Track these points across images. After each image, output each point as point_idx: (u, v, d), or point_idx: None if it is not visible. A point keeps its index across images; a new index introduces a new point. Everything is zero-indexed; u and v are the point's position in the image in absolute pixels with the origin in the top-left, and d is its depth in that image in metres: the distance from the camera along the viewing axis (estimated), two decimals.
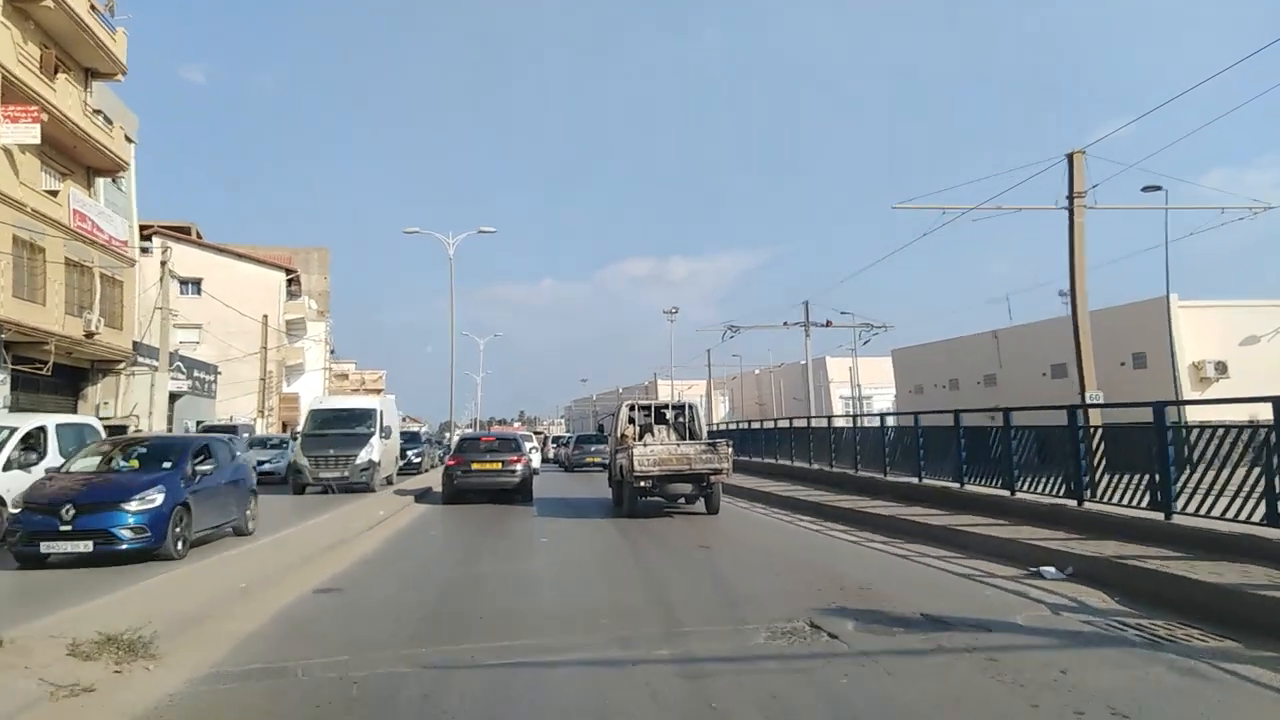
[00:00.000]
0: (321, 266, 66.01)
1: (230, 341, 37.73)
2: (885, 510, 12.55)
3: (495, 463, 16.93)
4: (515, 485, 16.72)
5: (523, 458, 17.24)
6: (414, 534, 12.85)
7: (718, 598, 7.40)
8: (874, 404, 67.31)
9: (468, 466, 16.86)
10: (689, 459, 13.32)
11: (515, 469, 16.77)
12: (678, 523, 13.56)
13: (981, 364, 31.39)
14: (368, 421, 19.29)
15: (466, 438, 19.46)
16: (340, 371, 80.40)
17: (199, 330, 38.19)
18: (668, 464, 13.25)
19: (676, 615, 6.67)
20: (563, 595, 7.74)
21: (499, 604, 7.33)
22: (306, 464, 18.25)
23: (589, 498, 18.34)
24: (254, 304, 38.47)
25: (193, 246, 40.46)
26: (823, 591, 7.28)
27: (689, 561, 9.79)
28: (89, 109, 22.38)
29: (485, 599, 7.60)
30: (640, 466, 13.15)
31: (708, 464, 13.38)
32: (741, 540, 11.52)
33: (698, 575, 8.74)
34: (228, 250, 42.01)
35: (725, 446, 13.73)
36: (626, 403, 16.70)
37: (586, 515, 14.81)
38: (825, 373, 64.94)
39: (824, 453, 20.05)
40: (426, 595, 7.74)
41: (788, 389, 64.93)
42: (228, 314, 36.07)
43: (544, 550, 10.98)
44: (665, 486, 13.67)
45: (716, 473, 13.51)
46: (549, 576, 8.81)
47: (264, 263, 42.62)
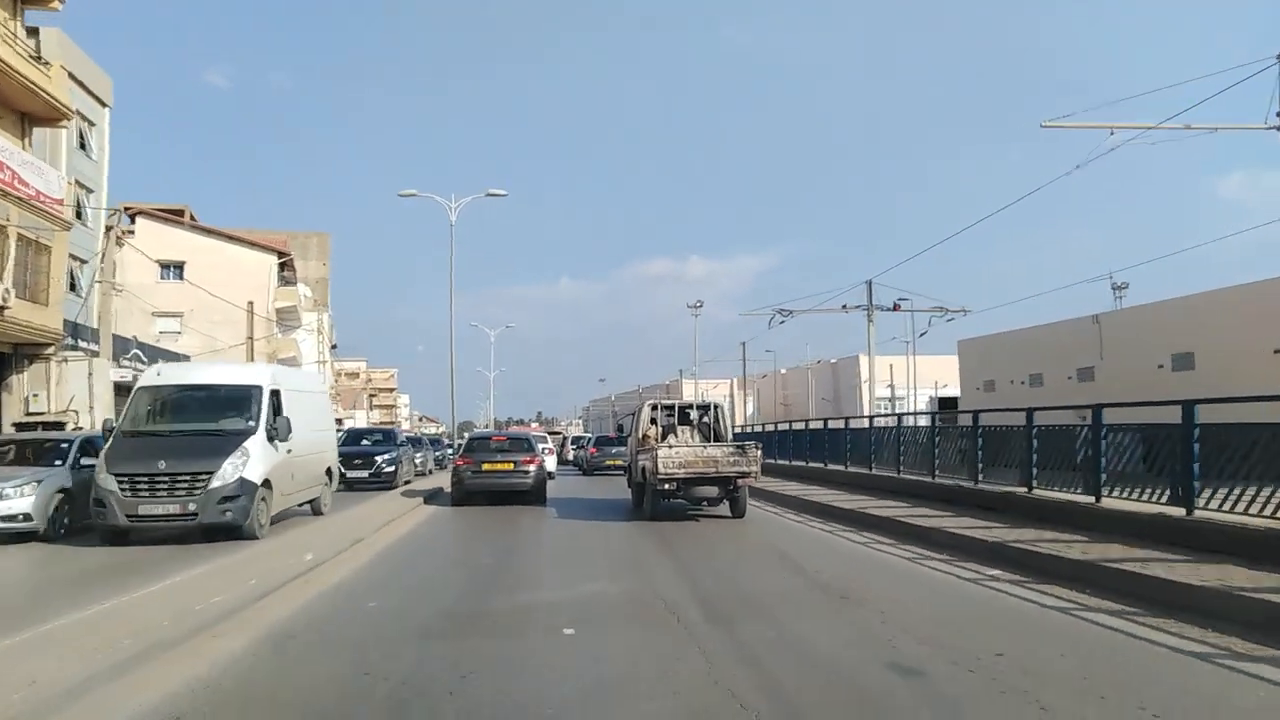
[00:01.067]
0: (321, 252, 64.09)
1: (216, 332, 37.06)
2: (941, 521, 11.59)
3: (507, 463, 16.98)
4: (529, 487, 16.77)
5: (536, 458, 17.23)
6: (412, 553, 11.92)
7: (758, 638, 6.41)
8: (908, 406, 67.44)
9: (478, 467, 16.92)
10: (715, 461, 13.39)
11: (528, 470, 16.85)
12: (703, 527, 13.29)
13: (1075, 354, 27.62)
14: (243, 409, 11.83)
15: (476, 437, 19.54)
16: (349, 370, 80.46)
17: (181, 319, 37.62)
18: (693, 466, 13.28)
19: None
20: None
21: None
22: (115, 491, 10.69)
23: (607, 498, 18.41)
24: (242, 290, 37.63)
25: (176, 227, 39.78)
26: (895, 644, 5.80)
27: (717, 577, 8.94)
28: (18, 40, 19.99)
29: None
30: (664, 469, 13.12)
31: (735, 467, 13.42)
32: (779, 558, 10.49)
33: (726, 598, 7.76)
34: (215, 232, 41.23)
35: (754, 449, 13.62)
36: (649, 402, 16.83)
37: (604, 517, 14.78)
38: (857, 371, 64.43)
39: (862, 455, 19.47)
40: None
41: (817, 389, 64.96)
42: (215, 302, 35.39)
43: (564, 565, 10.18)
44: (690, 490, 13.68)
45: (744, 476, 13.55)
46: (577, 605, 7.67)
47: (254, 244, 41.80)
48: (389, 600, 7.59)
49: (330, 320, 66.13)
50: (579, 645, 5.90)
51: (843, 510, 14.05)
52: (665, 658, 5.37)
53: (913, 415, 24.83)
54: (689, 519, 14.22)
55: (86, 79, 27.63)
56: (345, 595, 7.78)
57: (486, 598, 7.77)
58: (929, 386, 63.87)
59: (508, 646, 5.78)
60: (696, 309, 57.87)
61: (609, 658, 5.55)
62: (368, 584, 8.47)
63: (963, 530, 10.41)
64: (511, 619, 6.75)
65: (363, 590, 8.05)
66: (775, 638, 5.94)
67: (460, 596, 7.86)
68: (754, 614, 6.74)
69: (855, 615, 6.69)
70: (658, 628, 6.33)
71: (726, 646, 5.63)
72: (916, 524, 11.40)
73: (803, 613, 6.88)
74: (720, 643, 5.74)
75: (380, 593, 8.02)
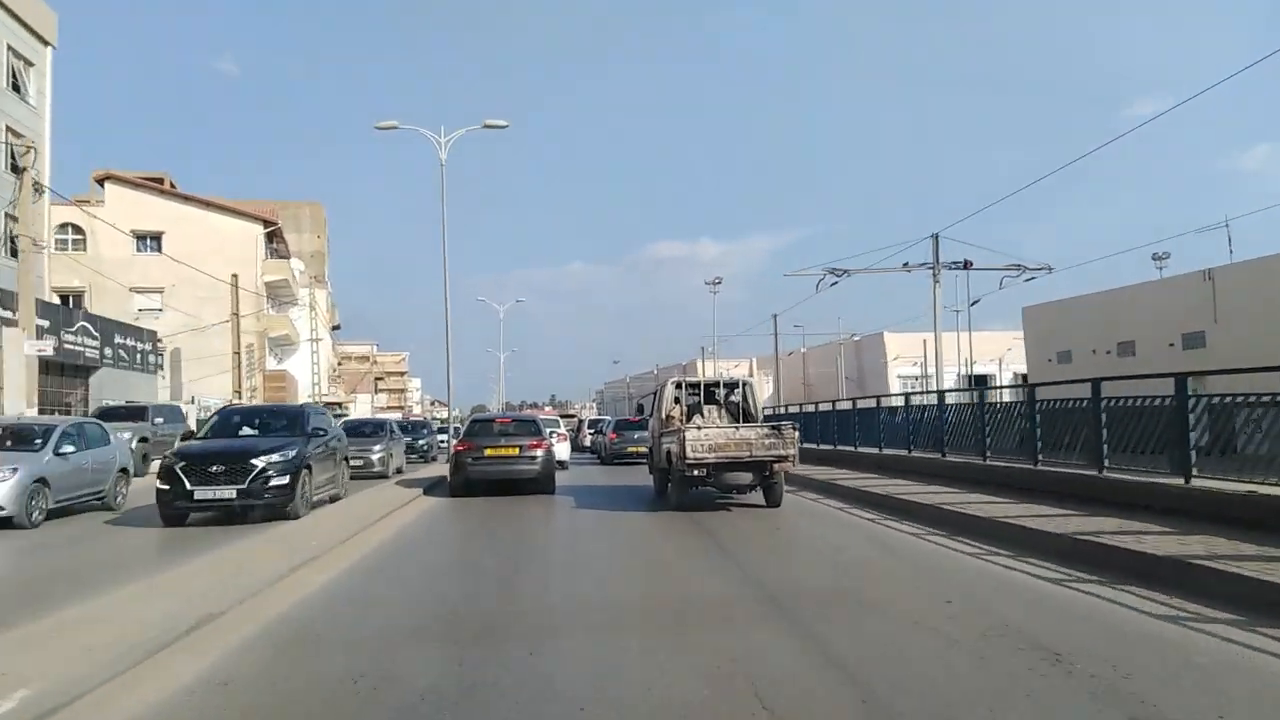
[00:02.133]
0: (315, 224, 63.12)
1: (201, 309, 36.61)
2: (1004, 509, 10.97)
3: (512, 448, 16.55)
4: (536, 474, 16.37)
5: (543, 442, 16.85)
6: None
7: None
8: (931, 384, 65.98)
9: (480, 453, 16.42)
10: (749, 444, 12.81)
11: (535, 455, 16.44)
12: (736, 518, 12.75)
13: (1180, 318, 25.02)
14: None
15: (479, 420, 19.14)
16: (359, 354, 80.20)
17: (161, 295, 37.13)
18: (724, 450, 12.70)
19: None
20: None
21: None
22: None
23: (627, 484, 18.24)
24: (227, 263, 37.15)
25: (152, 194, 39.05)
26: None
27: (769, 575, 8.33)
28: None
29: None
30: (693, 453, 12.52)
31: (771, 450, 12.79)
32: (845, 559, 9.90)
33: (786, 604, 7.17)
34: (195, 199, 40.48)
35: (791, 430, 13.12)
36: (671, 380, 16.48)
37: (624, 506, 14.55)
38: (883, 349, 65.05)
39: (898, 437, 19.11)
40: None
41: (840, 369, 64.80)
42: (199, 277, 34.90)
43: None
44: (721, 476, 13.03)
45: (781, 460, 12.96)
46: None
47: (239, 213, 41.03)
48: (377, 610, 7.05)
49: (331, 300, 65.66)
50: (609, 659, 5.32)
51: (881, 496, 13.58)
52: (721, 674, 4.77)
53: (961, 391, 23.23)
54: (719, 508, 13.73)
55: (23, 10, 25.92)
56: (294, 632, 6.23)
57: (490, 615, 7.17)
58: (960, 365, 63.71)
59: (522, 663, 5.21)
60: (715, 285, 58.73)
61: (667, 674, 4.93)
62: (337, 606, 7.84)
63: (1035, 523, 9.79)
64: (527, 631, 6.16)
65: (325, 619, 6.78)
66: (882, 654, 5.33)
67: (460, 616, 6.92)
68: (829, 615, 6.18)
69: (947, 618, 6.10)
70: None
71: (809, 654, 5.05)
72: (970, 513, 10.80)
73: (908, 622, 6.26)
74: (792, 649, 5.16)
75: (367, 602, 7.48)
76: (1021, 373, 63.62)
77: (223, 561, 8.52)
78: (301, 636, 6.01)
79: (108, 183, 37.66)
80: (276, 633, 6.04)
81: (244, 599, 6.69)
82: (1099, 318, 28.77)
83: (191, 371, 36.44)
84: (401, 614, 6.80)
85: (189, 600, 6.46)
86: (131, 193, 38.34)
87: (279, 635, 5.98)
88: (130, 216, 36.72)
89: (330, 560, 8.89)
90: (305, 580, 7.84)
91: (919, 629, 5.90)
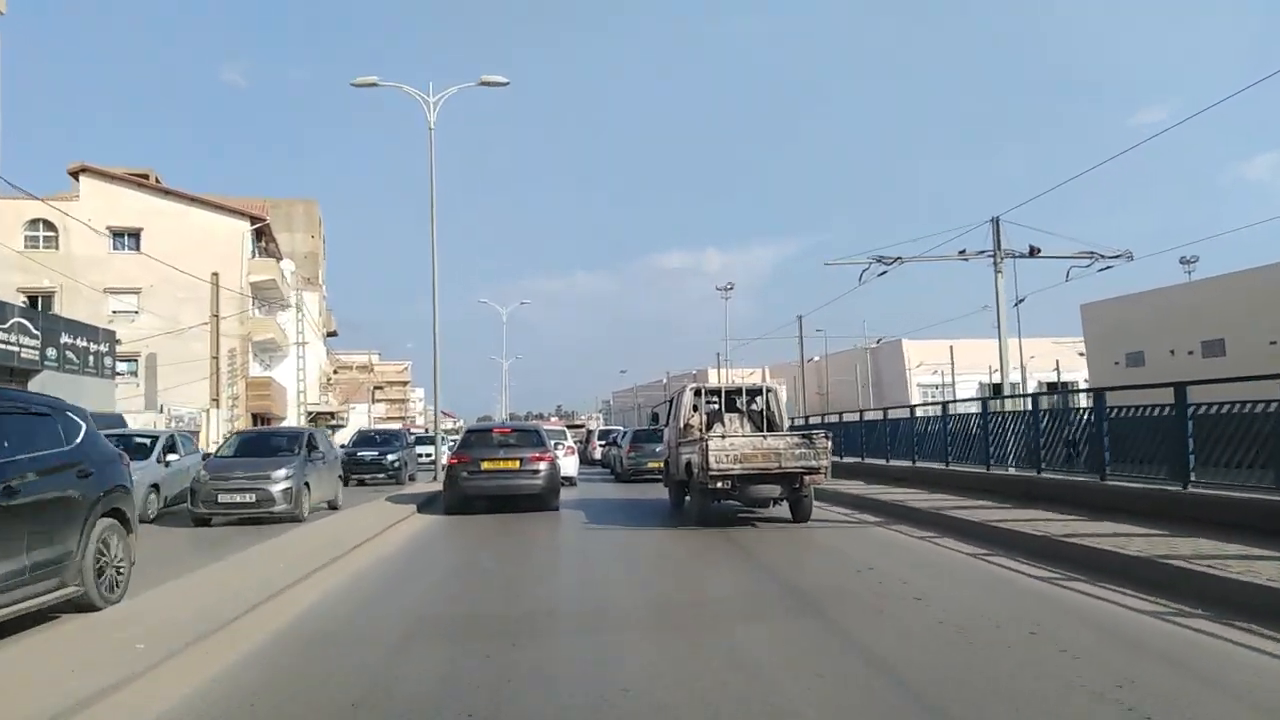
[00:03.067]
0: (308, 223, 62.30)
1: (180, 311, 35.85)
2: (1074, 526, 10.03)
3: (511, 461, 15.83)
4: (539, 490, 15.69)
5: (546, 454, 16.16)
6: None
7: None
8: (956, 392, 66.04)
9: (476, 466, 15.75)
10: (778, 455, 12.44)
11: (537, 469, 15.75)
12: (763, 534, 12.19)
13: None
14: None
15: (475, 430, 18.51)
16: (360, 363, 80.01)
17: (138, 296, 36.42)
18: (752, 461, 12.31)
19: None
20: None
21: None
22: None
23: (645, 499, 17.83)
24: (210, 262, 36.29)
25: (131, 188, 38.22)
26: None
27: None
28: None
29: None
30: (717, 464, 12.11)
31: (801, 461, 12.43)
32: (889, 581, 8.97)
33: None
34: (177, 194, 39.56)
35: (823, 440, 12.67)
36: (690, 386, 16.15)
37: (640, 522, 14.20)
38: (902, 357, 65.70)
39: (935, 448, 18.50)
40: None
41: (859, 377, 65.33)
42: (178, 277, 34.16)
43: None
44: (746, 489, 12.64)
45: (812, 472, 12.61)
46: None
47: (224, 208, 40.10)
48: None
49: (325, 304, 64.96)
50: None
51: (925, 513, 12.86)
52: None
53: (1018, 398, 21.24)
54: (742, 523, 13.23)
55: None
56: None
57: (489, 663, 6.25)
58: (980, 372, 63.45)
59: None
60: (726, 291, 59.43)
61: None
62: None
63: (1110, 544, 8.85)
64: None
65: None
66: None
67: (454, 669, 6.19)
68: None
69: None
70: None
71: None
72: (1036, 532, 9.88)
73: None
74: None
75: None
76: (1048, 380, 64.43)
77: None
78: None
79: (83, 176, 36.78)
80: None
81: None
82: (1178, 314, 26.75)
83: (169, 378, 35.64)
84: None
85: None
86: (108, 187, 37.44)
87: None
88: (106, 212, 35.98)
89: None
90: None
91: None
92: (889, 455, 21.15)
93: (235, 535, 12.57)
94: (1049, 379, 64.60)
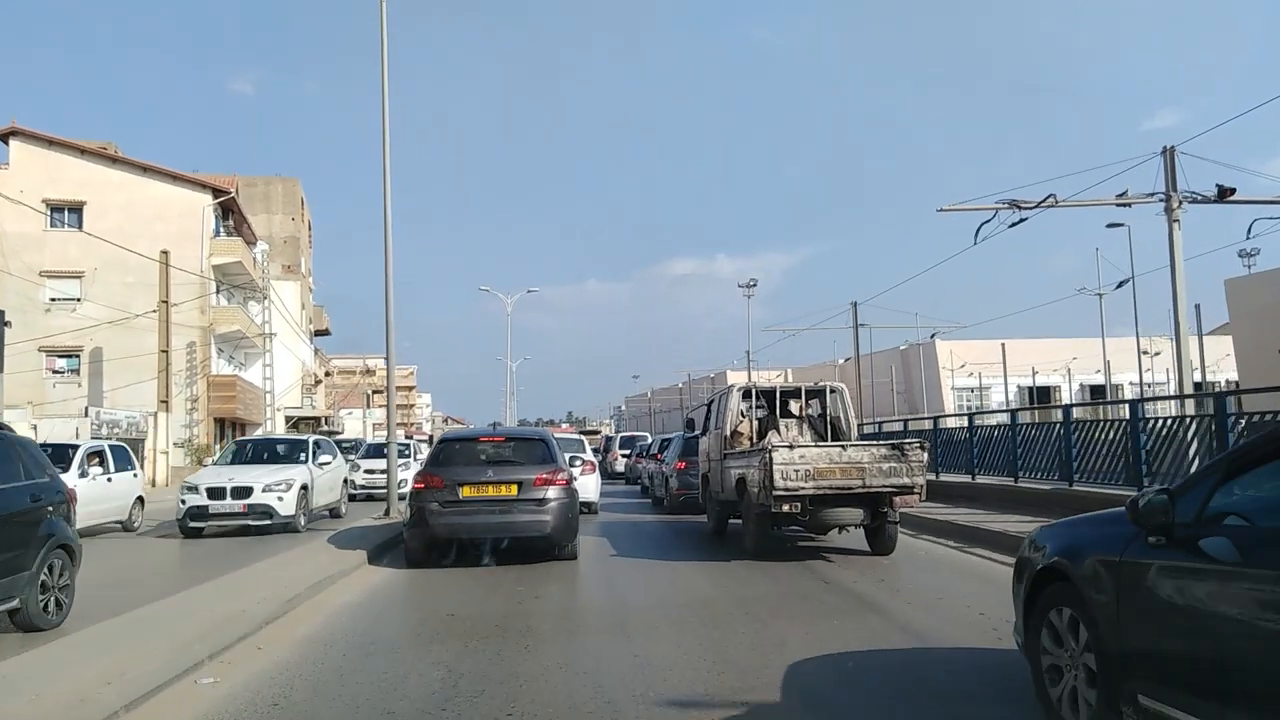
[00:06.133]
0: (289, 204, 61.68)
1: (130, 298, 35.16)
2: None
3: (506, 485, 12.15)
4: (546, 529, 11.95)
5: (559, 474, 12.33)
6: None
7: None
8: (991, 396, 66.25)
9: (454, 493, 12.01)
10: (862, 470, 11.53)
11: (545, 496, 12.05)
12: (842, 571, 10.99)
13: None
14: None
15: (454, 438, 14.21)
16: (361, 368, 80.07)
17: (80, 281, 35.83)
18: (828, 478, 11.43)
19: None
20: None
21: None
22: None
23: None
24: (165, 242, 35.68)
25: (71, 155, 37.53)
26: None
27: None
28: None
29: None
30: (784, 481, 11.17)
31: (891, 479, 11.53)
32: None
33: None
34: (126, 161, 38.90)
35: (918, 450, 11.68)
36: (737, 386, 15.53)
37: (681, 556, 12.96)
38: (935, 358, 69.32)
39: (1045, 460, 17.22)
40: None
41: (893, 380, 69.28)
42: (128, 259, 33.47)
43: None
44: (820, 513, 11.73)
45: (905, 492, 11.64)
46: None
47: (182, 179, 39.38)
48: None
49: (314, 299, 64.43)
50: None
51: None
52: None
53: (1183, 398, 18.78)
54: (812, 555, 12.37)
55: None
56: None
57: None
58: (1021, 375, 64.03)
59: None
60: (750, 289, 61.85)
61: None
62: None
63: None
64: None
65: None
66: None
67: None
68: None
69: None
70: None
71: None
72: None
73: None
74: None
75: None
76: (1091, 384, 63.93)
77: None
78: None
79: (13, 140, 36.10)
80: None
81: None
82: None
83: (117, 377, 34.99)
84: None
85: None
86: (44, 152, 36.66)
87: None
88: (42, 183, 35.49)
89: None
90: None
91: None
92: (975, 470, 20.13)
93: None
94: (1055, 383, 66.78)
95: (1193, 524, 3.95)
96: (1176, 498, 4.02)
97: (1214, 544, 3.76)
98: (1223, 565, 3.70)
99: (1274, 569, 3.44)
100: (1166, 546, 4.05)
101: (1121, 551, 4.30)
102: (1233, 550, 3.68)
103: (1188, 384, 18.91)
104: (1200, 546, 3.82)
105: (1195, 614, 3.86)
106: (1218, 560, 3.72)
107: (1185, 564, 3.95)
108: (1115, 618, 4.27)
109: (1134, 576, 4.19)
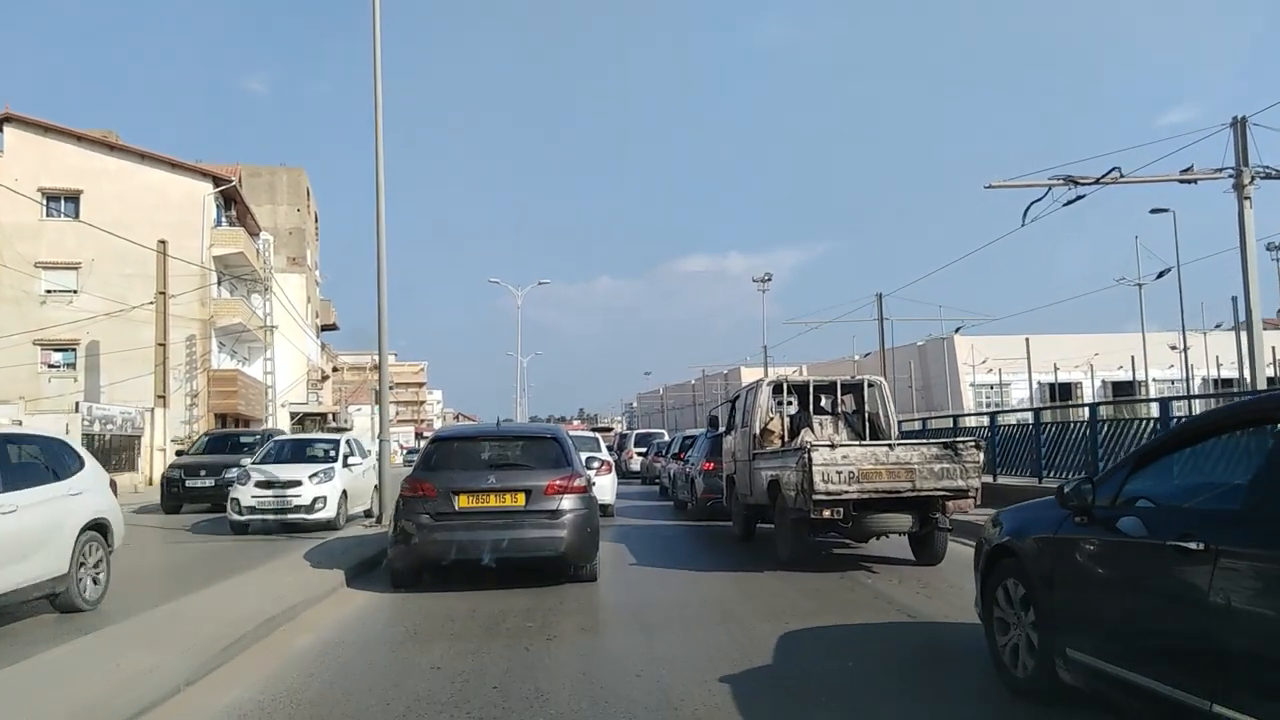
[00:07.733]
0: (294, 194, 61.29)
1: (129, 290, 34.57)
2: None
3: (512, 493, 10.40)
4: (561, 546, 10.22)
5: (575, 479, 10.64)
6: None
7: None
8: (1011, 393, 66.10)
9: (448, 503, 10.27)
10: (911, 472, 10.74)
11: (558, 506, 10.35)
12: (888, 585, 10.06)
13: None
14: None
15: (450, 437, 12.31)
16: (371, 365, 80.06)
17: (77, 273, 35.19)
18: (874, 480, 10.68)
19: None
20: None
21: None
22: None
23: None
24: (164, 231, 34.96)
25: (67, 142, 36.99)
26: None
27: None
28: None
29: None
30: (825, 483, 10.42)
31: (944, 481, 10.80)
32: None
33: None
34: (125, 149, 38.30)
35: (973, 450, 10.93)
36: (766, 381, 14.80)
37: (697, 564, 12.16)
38: (954, 355, 70.21)
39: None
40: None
41: (913, 377, 69.71)
42: (127, 249, 32.77)
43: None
44: (864, 519, 10.95)
45: (959, 496, 10.86)
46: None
47: (183, 167, 38.81)
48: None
49: (316, 287, 63.69)
50: None
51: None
52: None
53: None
54: (848, 564, 11.76)
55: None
56: None
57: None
58: (1044, 371, 64.12)
59: None
60: (764, 283, 63.18)
61: None
62: None
63: None
64: None
65: None
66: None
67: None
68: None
69: None
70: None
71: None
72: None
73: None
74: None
75: None
76: (1114, 381, 64.18)
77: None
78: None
79: (7, 126, 35.48)
80: None
81: None
82: None
83: (115, 371, 34.35)
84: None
85: None
86: (39, 139, 36.14)
87: None
88: (37, 171, 34.97)
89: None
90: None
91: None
92: (1041, 474, 19.50)
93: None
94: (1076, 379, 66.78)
95: (1109, 506, 4.94)
96: (1098, 485, 5.01)
97: (1127, 522, 4.72)
98: (1131, 539, 4.66)
99: (1173, 540, 4.19)
100: (1089, 525, 5.02)
101: (1055, 530, 5.33)
102: (1141, 526, 4.61)
103: (1261, 379, 17.79)
104: (1116, 525, 4.78)
105: (1110, 580, 4.96)
106: (1128, 535, 4.68)
107: (1102, 538, 4.94)
108: (1050, 585, 5.33)
109: (1063, 550, 5.23)
